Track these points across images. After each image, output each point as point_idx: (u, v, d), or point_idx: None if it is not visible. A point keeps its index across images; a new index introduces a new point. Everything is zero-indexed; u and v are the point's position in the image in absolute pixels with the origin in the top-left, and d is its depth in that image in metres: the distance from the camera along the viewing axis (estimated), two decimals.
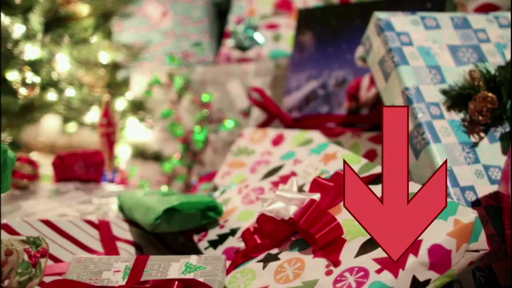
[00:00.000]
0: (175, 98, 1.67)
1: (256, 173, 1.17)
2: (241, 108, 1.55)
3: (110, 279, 0.86)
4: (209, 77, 1.63)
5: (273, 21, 1.63)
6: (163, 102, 1.69)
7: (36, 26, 1.44)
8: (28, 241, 0.75)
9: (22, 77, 1.43)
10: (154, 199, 1.07)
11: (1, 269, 0.75)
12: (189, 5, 1.84)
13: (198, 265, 0.87)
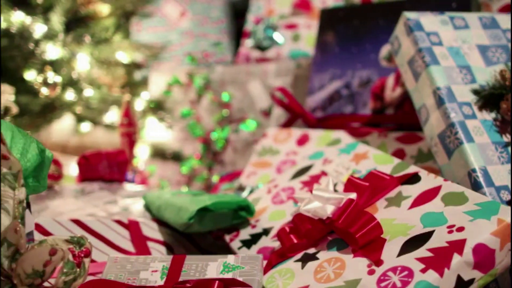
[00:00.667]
0: (194, 98, 1.67)
1: (283, 172, 1.17)
2: (261, 108, 1.55)
3: (148, 279, 0.86)
4: (229, 77, 1.62)
5: (292, 21, 1.63)
6: (183, 102, 1.68)
7: (57, 26, 1.43)
8: (72, 240, 0.75)
9: (44, 76, 1.42)
10: (185, 199, 1.07)
11: (44, 268, 0.75)
12: (207, 5, 1.84)
13: (236, 265, 0.87)
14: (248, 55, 1.67)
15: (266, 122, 1.54)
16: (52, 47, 1.45)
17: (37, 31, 1.44)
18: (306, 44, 1.58)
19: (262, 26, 1.63)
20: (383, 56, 1.30)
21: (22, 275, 0.75)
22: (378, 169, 0.97)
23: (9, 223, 0.75)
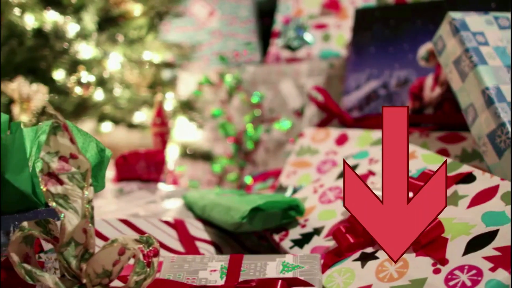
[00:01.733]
0: (225, 97, 1.66)
1: (328, 172, 1.18)
2: (293, 107, 1.55)
3: (208, 278, 0.86)
4: (260, 77, 1.62)
5: (322, 21, 1.63)
6: (212, 101, 1.68)
7: (89, 25, 1.43)
8: (142, 240, 0.75)
9: (77, 76, 1.42)
10: (233, 199, 1.07)
11: (113, 268, 0.75)
12: (236, 5, 1.84)
13: (295, 264, 0.87)
14: (278, 55, 1.67)
15: (299, 122, 1.54)
16: (86, 46, 1.45)
17: (70, 30, 1.44)
18: (337, 44, 1.58)
19: (292, 26, 1.63)
20: (422, 56, 1.30)
21: (92, 274, 0.75)
22: (429, 168, 0.98)
23: (78, 223, 0.74)
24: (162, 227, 1.07)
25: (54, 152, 0.75)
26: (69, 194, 0.75)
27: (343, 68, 1.54)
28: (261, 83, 1.62)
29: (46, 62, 1.48)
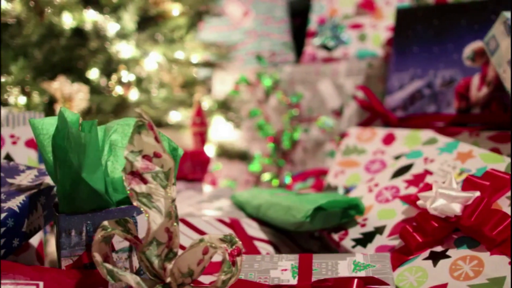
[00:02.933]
0: (262, 97, 1.66)
1: (374, 171, 1.18)
2: (332, 107, 1.55)
3: (280, 277, 0.86)
4: (298, 77, 1.62)
5: (357, 21, 1.63)
6: (249, 101, 1.68)
7: (129, 25, 1.42)
8: (226, 239, 0.75)
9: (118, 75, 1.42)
10: (292, 198, 1.07)
11: (196, 267, 0.75)
12: (271, 4, 1.83)
13: (366, 263, 0.87)
14: (314, 54, 1.67)
15: (337, 122, 1.54)
16: (125, 46, 1.44)
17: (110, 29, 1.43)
18: (373, 44, 1.59)
19: (328, 26, 1.63)
20: (467, 56, 1.31)
21: (177, 274, 0.74)
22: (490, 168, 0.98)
23: (161, 222, 0.74)
24: (219, 226, 1.07)
25: (137, 151, 0.75)
26: (152, 193, 0.75)
27: (382, 68, 1.54)
28: (298, 83, 1.62)
29: (83, 62, 1.48)
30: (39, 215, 0.94)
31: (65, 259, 0.84)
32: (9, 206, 0.87)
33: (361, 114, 1.51)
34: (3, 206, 0.87)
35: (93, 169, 0.82)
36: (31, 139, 1.17)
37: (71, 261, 0.84)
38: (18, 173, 0.97)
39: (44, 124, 0.87)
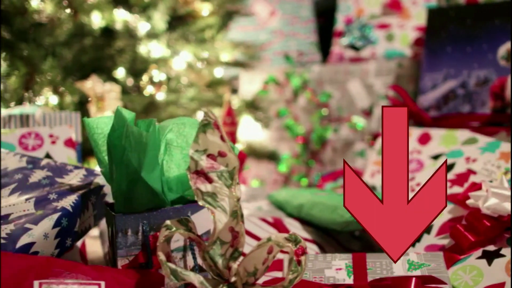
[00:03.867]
0: (290, 97, 1.66)
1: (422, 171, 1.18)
2: (362, 107, 1.55)
3: (335, 277, 0.86)
4: (327, 76, 1.62)
5: (384, 20, 1.63)
6: (277, 101, 1.68)
7: (159, 24, 1.42)
8: (290, 238, 0.74)
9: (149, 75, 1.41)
10: (335, 198, 1.07)
11: (261, 266, 0.75)
12: (297, 4, 1.83)
13: (421, 262, 0.87)
14: (342, 54, 1.67)
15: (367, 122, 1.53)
16: (156, 45, 1.44)
17: (141, 29, 1.43)
18: (401, 43, 1.59)
19: (356, 26, 1.63)
20: (502, 56, 1.31)
21: (243, 273, 0.74)
22: None
23: (226, 221, 0.74)
24: (262, 225, 1.07)
25: (202, 150, 0.74)
26: (217, 192, 0.74)
27: (412, 68, 1.54)
28: (327, 83, 1.62)
29: (111, 61, 1.47)
30: (90, 215, 0.94)
31: (122, 258, 0.84)
32: (62, 205, 0.87)
33: None
34: (56, 206, 0.87)
35: (151, 169, 0.82)
36: (69, 139, 1.17)
37: (127, 260, 0.84)
38: (67, 172, 0.96)
39: (99, 123, 0.87)
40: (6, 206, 0.88)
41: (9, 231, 0.82)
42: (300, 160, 1.64)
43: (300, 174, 1.64)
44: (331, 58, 1.69)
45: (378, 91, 1.54)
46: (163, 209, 0.85)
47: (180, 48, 1.48)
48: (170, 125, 0.87)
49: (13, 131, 1.15)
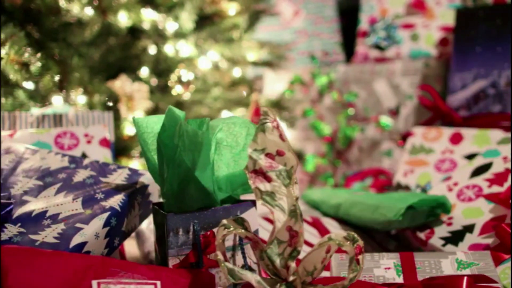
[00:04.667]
0: (316, 97, 1.66)
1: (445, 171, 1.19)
2: (388, 107, 1.55)
3: (385, 276, 0.86)
4: (352, 76, 1.62)
5: (409, 20, 1.63)
6: (303, 100, 1.68)
7: (187, 24, 1.41)
8: (349, 237, 0.74)
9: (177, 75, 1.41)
10: (376, 197, 1.07)
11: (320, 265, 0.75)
12: (321, 4, 1.83)
13: (469, 262, 0.87)
14: (367, 54, 1.67)
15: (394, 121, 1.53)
16: (184, 45, 1.44)
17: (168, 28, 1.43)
18: (426, 43, 1.59)
19: (381, 26, 1.63)
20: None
21: (302, 273, 0.74)
22: None
23: (284, 220, 0.74)
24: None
25: (260, 149, 0.74)
26: (275, 191, 0.74)
27: (439, 68, 1.54)
28: (353, 83, 1.62)
29: (137, 61, 1.47)
30: (136, 214, 0.94)
31: (173, 258, 0.83)
32: (110, 205, 0.87)
33: (418, 113, 1.51)
34: (104, 205, 0.86)
35: (204, 168, 0.82)
36: (104, 138, 1.16)
37: (178, 260, 0.84)
38: (110, 172, 0.96)
39: (148, 122, 0.86)
40: (54, 206, 0.87)
41: (60, 231, 0.82)
42: (326, 159, 1.64)
43: (326, 173, 1.64)
44: (356, 58, 1.69)
45: (404, 90, 1.54)
46: (214, 209, 0.84)
47: (208, 47, 1.47)
48: (220, 124, 0.86)
49: (48, 131, 1.15)
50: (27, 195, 0.90)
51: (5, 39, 1.15)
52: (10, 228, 0.83)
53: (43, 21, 1.32)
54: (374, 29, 1.65)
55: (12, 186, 0.92)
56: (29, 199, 0.89)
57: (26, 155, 1.01)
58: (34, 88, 1.25)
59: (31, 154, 1.01)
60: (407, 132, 1.37)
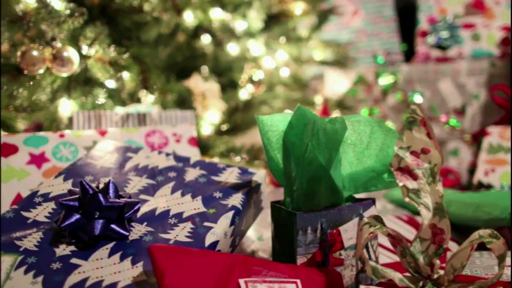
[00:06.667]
0: (379, 96, 1.66)
1: None
2: (454, 106, 1.56)
3: (507, 273, 0.86)
4: (416, 76, 1.63)
5: (469, 20, 1.64)
6: (366, 100, 1.68)
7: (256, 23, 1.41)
8: (493, 234, 0.74)
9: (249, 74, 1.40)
10: (473, 196, 1.07)
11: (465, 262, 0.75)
12: (380, 4, 1.83)
13: None
14: (428, 54, 1.67)
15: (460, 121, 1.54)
16: (254, 44, 1.43)
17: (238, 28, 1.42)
18: (488, 43, 1.60)
19: (444, 26, 1.63)
20: None
21: (449, 270, 0.74)
22: None
23: (429, 218, 0.74)
24: (399, 223, 1.07)
25: (406, 147, 0.74)
26: (421, 189, 0.74)
27: (505, 67, 1.55)
28: (417, 82, 1.62)
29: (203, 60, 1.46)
30: (251, 213, 0.93)
31: (301, 256, 0.83)
32: (233, 204, 0.86)
33: (484, 112, 1.52)
34: (227, 204, 0.86)
35: (336, 166, 0.81)
36: (192, 137, 1.16)
37: (305, 258, 0.83)
38: (220, 170, 0.96)
39: (273, 120, 0.86)
40: (175, 205, 0.87)
41: (190, 230, 0.81)
42: None
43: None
44: (417, 58, 1.70)
45: (470, 90, 1.54)
46: (339, 207, 0.84)
47: (277, 47, 1.47)
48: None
49: (137, 130, 1.14)
50: (143, 194, 0.89)
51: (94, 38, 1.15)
52: (138, 227, 0.82)
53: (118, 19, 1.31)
54: (436, 28, 1.65)
55: (125, 185, 0.91)
56: (147, 198, 0.89)
57: (128, 153, 1.00)
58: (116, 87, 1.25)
59: (133, 152, 1.00)
60: (478, 131, 1.37)
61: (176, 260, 0.70)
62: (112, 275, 0.72)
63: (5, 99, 1.24)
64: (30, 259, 0.75)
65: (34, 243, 0.78)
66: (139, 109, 1.22)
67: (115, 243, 0.78)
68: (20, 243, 0.78)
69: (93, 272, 0.73)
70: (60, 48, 1.12)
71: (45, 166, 1.05)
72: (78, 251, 0.77)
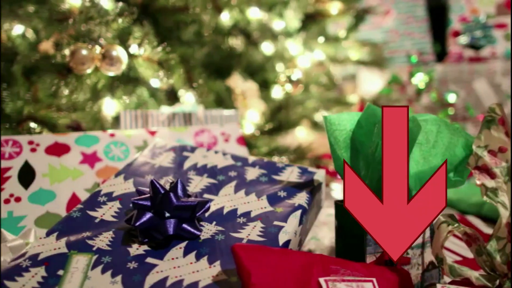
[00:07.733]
0: (413, 96, 1.67)
1: None
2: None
3: None
4: (451, 76, 1.63)
5: (501, 20, 1.65)
6: (399, 100, 1.68)
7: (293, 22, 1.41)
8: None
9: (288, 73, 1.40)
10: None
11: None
12: (412, 4, 1.84)
13: None
14: (461, 54, 1.68)
15: None
16: (292, 43, 1.43)
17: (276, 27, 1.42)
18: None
19: (477, 25, 1.64)
20: None
21: None
22: None
23: (507, 217, 0.74)
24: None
25: (483, 146, 0.75)
26: (498, 188, 0.75)
27: None
28: (451, 82, 1.63)
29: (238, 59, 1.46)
30: (314, 212, 0.93)
31: (370, 255, 0.83)
32: (299, 203, 0.86)
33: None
34: (293, 203, 0.86)
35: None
36: (240, 137, 1.16)
37: (374, 257, 0.84)
38: (280, 169, 0.96)
39: (340, 119, 0.86)
40: (242, 204, 0.87)
41: (261, 229, 0.81)
42: None
43: None
44: (450, 58, 1.70)
45: (505, 90, 1.55)
46: None
47: (315, 46, 1.47)
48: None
49: (186, 129, 1.14)
50: (207, 193, 0.89)
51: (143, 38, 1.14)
52: (208, 226, 0.82)
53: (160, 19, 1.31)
54: (469, 28, 1.66)
55: (187, 184, 0.91)
56: (211, 197, 0.88)
57: (185, 152, 1.00)
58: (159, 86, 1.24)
59: (190, 152, 1.00)
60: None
61: (261, 260, 0.70)
62: (191, 275, 0.72)
63: (49, 98, 1.24)
64: (105, 259, 0.75)
65: (106, 243, 0.78)
66: (184, 109, 1.22)
67: (187, 242, 0.78)
68: (93, 243, 0.77)
69: (171, 272, 0.72)
70: (109, 47, 1.12)
71: (98, 166, 1.05)
72: (152, 250, 0.76)
